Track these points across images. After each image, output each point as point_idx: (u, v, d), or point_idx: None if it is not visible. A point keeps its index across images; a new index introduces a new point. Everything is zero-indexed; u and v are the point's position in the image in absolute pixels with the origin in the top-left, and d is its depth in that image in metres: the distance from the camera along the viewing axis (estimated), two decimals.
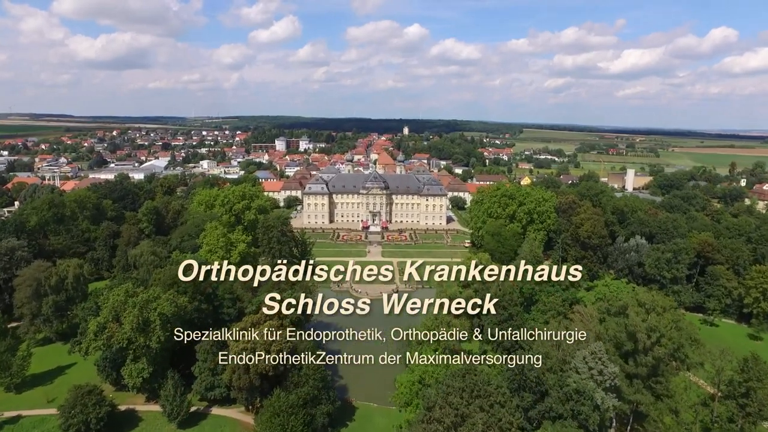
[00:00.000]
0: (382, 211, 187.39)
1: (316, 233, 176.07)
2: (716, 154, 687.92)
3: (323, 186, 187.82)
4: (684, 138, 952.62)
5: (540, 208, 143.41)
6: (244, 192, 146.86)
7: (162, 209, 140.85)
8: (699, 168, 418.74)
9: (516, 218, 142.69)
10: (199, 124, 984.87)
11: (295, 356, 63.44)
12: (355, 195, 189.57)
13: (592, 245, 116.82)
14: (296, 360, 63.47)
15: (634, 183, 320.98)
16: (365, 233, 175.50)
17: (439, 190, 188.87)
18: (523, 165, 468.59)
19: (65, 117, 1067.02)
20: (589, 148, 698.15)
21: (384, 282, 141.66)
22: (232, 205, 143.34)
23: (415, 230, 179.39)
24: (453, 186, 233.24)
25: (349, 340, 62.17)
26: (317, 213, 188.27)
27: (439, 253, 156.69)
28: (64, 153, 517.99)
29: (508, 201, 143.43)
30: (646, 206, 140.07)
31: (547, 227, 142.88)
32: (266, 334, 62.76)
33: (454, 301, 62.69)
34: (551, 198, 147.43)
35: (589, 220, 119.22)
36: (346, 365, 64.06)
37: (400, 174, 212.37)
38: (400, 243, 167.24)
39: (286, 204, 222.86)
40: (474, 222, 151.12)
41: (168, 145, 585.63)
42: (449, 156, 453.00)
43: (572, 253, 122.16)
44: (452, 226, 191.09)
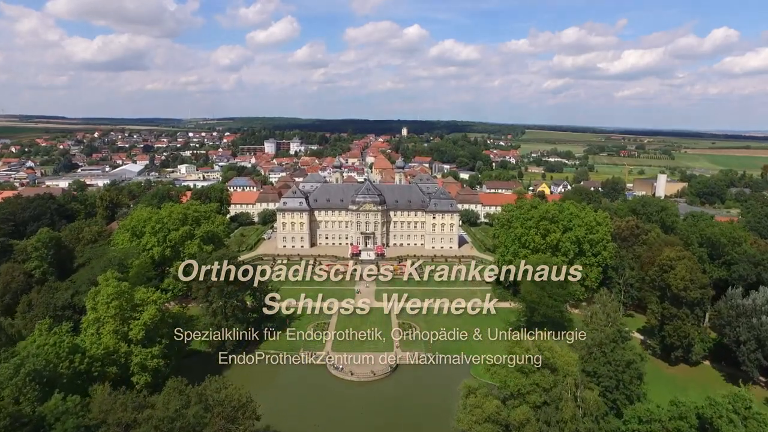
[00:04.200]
0: (377, 231, 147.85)
1: (292, 262, 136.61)
2: (733, 155, 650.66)
3: (302, 200, 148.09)
4: (687, 138, 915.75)
5: (592, 235, 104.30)
6: (185, 214, 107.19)
7: (70, 238, 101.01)
8: (727, 171, 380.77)
9: (560, 249, 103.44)
10: (193, 125, 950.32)
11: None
12: (343, 212, 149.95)
13: (687, 299, 77.40)
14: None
15: (665, 190, 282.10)
16: (355, 262, 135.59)
17: (449, 206, 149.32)
18: (533, 169, 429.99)
19: (57, 119, 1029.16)
20: (598, 150, 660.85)
21: (378, 348, 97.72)
22: (167, 233, 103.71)
23: (419, 257, 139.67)
24: (462, 196, 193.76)
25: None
26: (294, 235, 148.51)
27: (453, 293, 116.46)
28: (35, 156, 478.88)
29: (549, 225, 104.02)
30: (740, 233, 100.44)
31: (602, 261, 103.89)
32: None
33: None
34: (605, 221, 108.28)
35: (681, 260, 79.89)
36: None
37: (399, 184, 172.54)
38: (400, 278, 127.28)
39: (262, 219, 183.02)
40: (501, 252, 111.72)
41: (150, 148, 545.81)
42: (453, 159, 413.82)
43: (653, 307, 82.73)
44: (465, 249, 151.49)
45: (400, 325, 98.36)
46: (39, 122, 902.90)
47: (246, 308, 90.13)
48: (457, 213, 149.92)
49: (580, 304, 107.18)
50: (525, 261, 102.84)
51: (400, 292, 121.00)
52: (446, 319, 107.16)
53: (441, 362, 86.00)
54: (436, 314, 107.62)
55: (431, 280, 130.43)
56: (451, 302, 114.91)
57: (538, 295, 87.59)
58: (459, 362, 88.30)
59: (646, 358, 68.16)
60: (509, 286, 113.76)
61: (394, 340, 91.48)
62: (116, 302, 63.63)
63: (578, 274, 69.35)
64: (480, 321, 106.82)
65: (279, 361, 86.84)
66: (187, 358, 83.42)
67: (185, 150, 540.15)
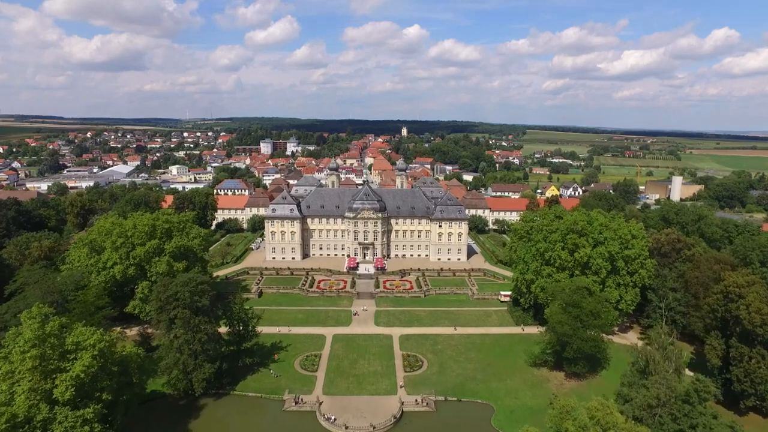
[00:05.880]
0: (377, 242, 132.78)
1: (281, 277, 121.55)
2: (740, 156, 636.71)
3: (293, 207, 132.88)
4: (689, 139, 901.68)
5: (627, 251, 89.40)
6: (154, 225, 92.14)
7: (14, 255, 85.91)
8: (740, 172, 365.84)
9: (591, 267, 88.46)
10: (191, 125, 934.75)
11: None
12: (339, 219, 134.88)
13: (765, 337, 62.42)
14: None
15: (680, 193, 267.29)
16: (352, 278, 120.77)
17: (457, 213, 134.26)
18: (538, 170, 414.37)
19: (54, 119, 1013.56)
20: (603, 150, 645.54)
21: (379, 389, 78.78)
22: (131, 248, 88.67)
23: (423, 271, 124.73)
24: (469, 201, 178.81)
25: None
26: (284, 245, 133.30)
27: (465, 316, 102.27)
28: (23, 156, 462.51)
29: (578, 239, 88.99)
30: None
31: (639, 281, 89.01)
32: None
33: None
34: (640, 233, 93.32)
35: (751, 287, 65.07)
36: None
37: (401, 189, 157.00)
38: (404, 296, 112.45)
39: (251, 226, 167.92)
40: (521, 270, 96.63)
41: (143, 148, 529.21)
42: (455, 160, 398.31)
43: (714, 343, 67.90)
44: (474, 261, 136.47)
45: (405, 357, 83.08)
46: (35, 122, 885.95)
47: (219, 339, 74.93)
48: (465, 221, 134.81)
49: (612, 330, 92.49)
50: (553, 282, 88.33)
51: (404, 316, 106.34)
52: (458, 349, 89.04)
53: (455, 408, 70.78)
54: (445, 341, 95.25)
55: (439, 298, 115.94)
56: (463, 327, 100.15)
57: (572, 326, 72.46)
58: (477, 407, 73.25)
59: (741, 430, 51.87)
60: (529, 308, 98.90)
61: (397, 379, 76.31)
62: (35, 351, 48.52)
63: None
64: (498, 351, 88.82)
65: (259, 406, 72.08)
66: (148, 403, 68.43)
67: (179, 150, 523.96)
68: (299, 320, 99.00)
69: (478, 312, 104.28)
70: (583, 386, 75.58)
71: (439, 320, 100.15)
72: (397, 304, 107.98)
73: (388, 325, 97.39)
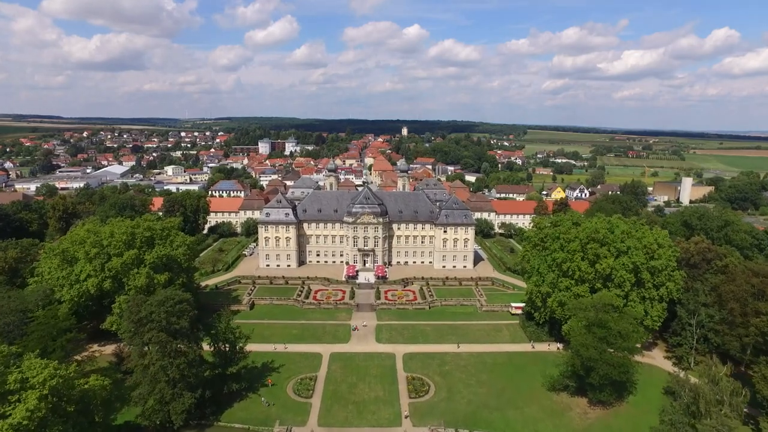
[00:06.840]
0: (378, 248, 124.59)
1: (275, 286, 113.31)
2: (744, 156, 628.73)
3: (288, 211, 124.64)
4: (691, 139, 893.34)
5: (654, 261, 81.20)
6: (133, 233, 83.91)
7: None
8: (748, 173, 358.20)
9: (613, 280, 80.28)
10: (190, 125, 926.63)
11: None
12: (337, 224, 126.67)
13: None
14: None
15: (690, 194, 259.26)
16: (352, 287, 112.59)
17: (462, 217, 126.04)
18: (541, 170, 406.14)
19: (52, 118, 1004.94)
20: (605, 150, 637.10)
21: (380, 420, 68.85)
22: (107, 258, 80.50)
23: (427, 280, 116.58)
24: (473, 203, 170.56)
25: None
26: (279, 252, 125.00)
27: (474, 332, 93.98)
28: (17, 156, 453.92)
29: (599, 249, 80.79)
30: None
31: (666, 295, 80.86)
32: None
33: None
34: (667, 242, 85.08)
35: None
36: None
37: (403, 191, 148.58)
38: (407, 308, 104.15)
39: (245, 230, 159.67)
40: (535, 282, 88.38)
41: (139, 148, 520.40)
42: (457, 160, 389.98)
43: (765, 371, 59.58)
44: (481, 269, 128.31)
45: (409, 381, 74.73)
46: (32, 122, 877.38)
47: (202, 363, 66.60)
48: (472, 226, 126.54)
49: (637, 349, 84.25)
50: (572, 296, 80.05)
51: (407, 331, 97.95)
52: (467, 370, 79.59)
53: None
54: (453, 361, 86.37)
55: (445, 311, 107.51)
56: (471, 344, 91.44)
57: (598, 349, 64.25)
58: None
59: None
60: (544, 323, 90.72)
61: (402, 406, 68.04)
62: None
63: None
64: (512, 372, 78.93)
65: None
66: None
67: (176, 150, 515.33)
68: (294, 336, 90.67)
69: (487, 326, 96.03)
70: (609, 415, 67.36)
71: (445, 336, 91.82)
72: (400, 317, 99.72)
73: (390, 341, 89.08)
